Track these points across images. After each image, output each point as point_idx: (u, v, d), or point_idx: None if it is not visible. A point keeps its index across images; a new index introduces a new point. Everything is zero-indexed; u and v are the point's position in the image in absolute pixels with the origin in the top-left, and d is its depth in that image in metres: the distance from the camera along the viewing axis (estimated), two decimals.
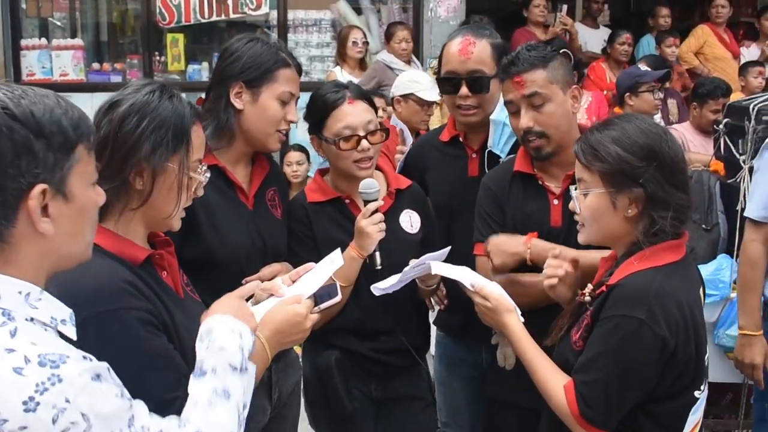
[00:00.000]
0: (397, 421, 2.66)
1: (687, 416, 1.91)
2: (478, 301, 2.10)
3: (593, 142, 1.92)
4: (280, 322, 1.77)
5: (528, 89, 2.32)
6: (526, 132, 2.34)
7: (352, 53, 6.23)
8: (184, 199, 1.75)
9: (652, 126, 1.96)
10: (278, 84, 2.35)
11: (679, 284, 1.87)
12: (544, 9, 7.35)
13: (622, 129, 1.91)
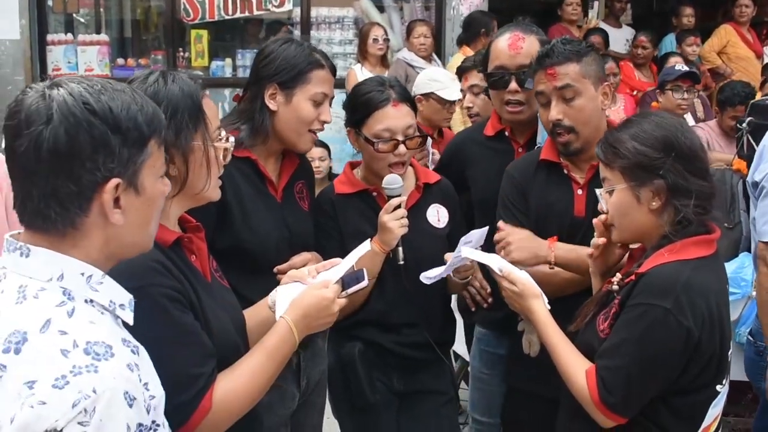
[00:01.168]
0: (419, 415, 2.68)
1: (707, 410, 1.93)
2: (506, 285, 2.14)
3: (612, 140, 1.97)
4: (308, 306, 1.82)
5: (560, 81, 2.36)
6: (555, 125, 2.38)
7: (373, 50, 6.28)
8: (215, 170, 1.80)
9: (668, 119, 2.00)
10: (311, 85, 2.38)
11: (708, 278, 1.90)
12: (577, 7, 7.46)
13: (638, 125, 1.96)
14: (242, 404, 1.73)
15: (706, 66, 7.28)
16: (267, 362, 1.75)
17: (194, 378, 1.64)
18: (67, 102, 1.27)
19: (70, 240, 1.31)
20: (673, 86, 4.63)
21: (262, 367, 1.75)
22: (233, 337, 1.81)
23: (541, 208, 2.46)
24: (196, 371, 1.65)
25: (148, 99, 1.39)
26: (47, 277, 1.29)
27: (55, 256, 1.30)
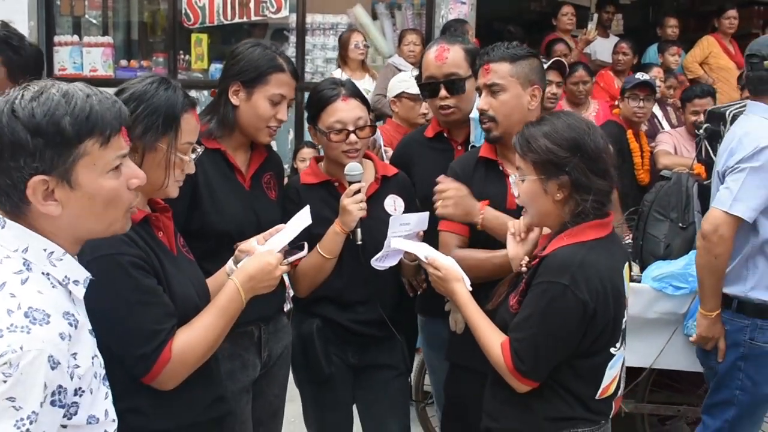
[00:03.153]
0: (372, 387, 2.95)
1: (605, 371, 2.19)
2: (431, 271, 2.41)
3: (527, 135, 2.22)
4: (253, 270, 2.10)
5: (490, 77, 2.65)
6: (481, 113, 2.68)
7: (354, 55, 6.52)
8: (176, 174, 2.06)
9: (579, 121, 2.25)
10: (270, 86, 2.65)
11: (602, 257, 2.15)
12: (572, 17, 7.70)
13: (552, 124, 2.21)
14: (198, 355, 2.00)
15: (689, 76, 7.49)
16: (218, 318, 2.04)
17: (156, 333, 1.92)
18: (2, 109, 1.50)
19: (29, 222, 1.54)
20: (631, 94, 4.81)
21: (213, 323, 2.03)
22: (195, 300, 2.08)
23: (480, 199, 2.71)
24: (157, 327, 1.93)
25: (91, 106, 1.54)
26: (14, 247, 1.52)
27: (25, 231, 1.53)
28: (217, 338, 2.05)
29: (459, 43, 3.06)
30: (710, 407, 3.25)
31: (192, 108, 2.10)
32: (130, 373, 1.92)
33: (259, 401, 2.81)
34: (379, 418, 2.99)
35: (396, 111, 4.70)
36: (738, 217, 2.92)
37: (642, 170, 4.89)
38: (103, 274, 1.80)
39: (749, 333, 3.03)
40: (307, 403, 3.01)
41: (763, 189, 2.90)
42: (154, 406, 1.98)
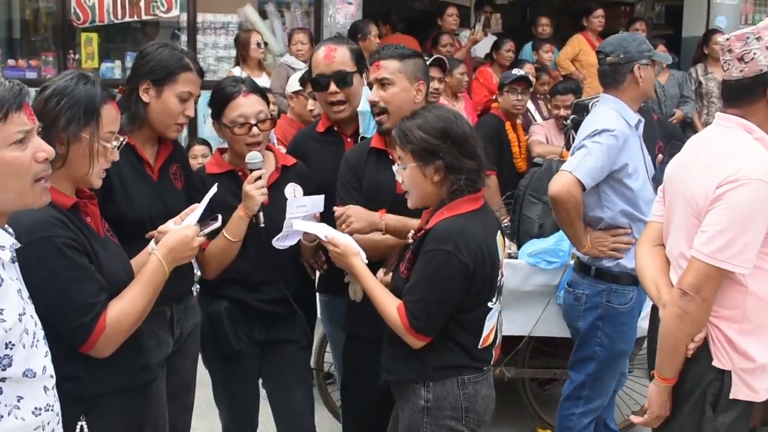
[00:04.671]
0: (277, 360, 3.20)
1: (485, 322, 2.55)
2: (331, 248, 2.70)
3: (404, 128, 2.55)
4: (173, 242, 2.35)
5: (381, 73, 2.97)
6: (372, 105, 2.98)
7: (255, 54, 6.74)
8: (101, 163, 2.27)
9: (447, 113, 2.60)
10: (179, 85, 2.86)
11: (477, 225, 2.51)
12: (457, 18, 8.08)
13: (423, 117, 2.55)
14: (130, 322, 2.24)
15: (561, 72, 8.01)
16: (145, 288, 2.28)
17: (91, 305, 2.15)
18: None
19: None
20: (510, 89, 5.23)
21: (141, 293, 2.28)
22: (122, 276, 2.31)
23: (371, 186, 3.00)
24: (92, 300, 2.16)
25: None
26: None
27: None
28: (146, 306, 2.29)
29: (345, 44, 3.38)
30: (575, 363, 3.64)
31: (111, 99, 2.30)
32: (70, 344, 2.14)
33: (173, 377, 3.01)
34: (285, 388, 3.23)
35: (292, 107, 4.98)
36: (580, 180, 3.29)
37: (519, 158, 5.33)
38: (40, 254, 2.04)
39: (606, 296, 3.44)
40: (217, 380, 3.23)
41: (599, 162, 3.28)
42: (88, 373, 2.20)
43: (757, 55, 2.35)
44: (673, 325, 2.40)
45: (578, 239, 3.44)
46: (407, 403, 2.58)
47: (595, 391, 3.57)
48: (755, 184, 2.26)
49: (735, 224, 2.27)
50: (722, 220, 2.29)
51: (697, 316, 2.37)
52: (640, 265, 2.70)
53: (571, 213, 3.34)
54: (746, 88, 2.39)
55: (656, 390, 2.52)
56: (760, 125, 2.40)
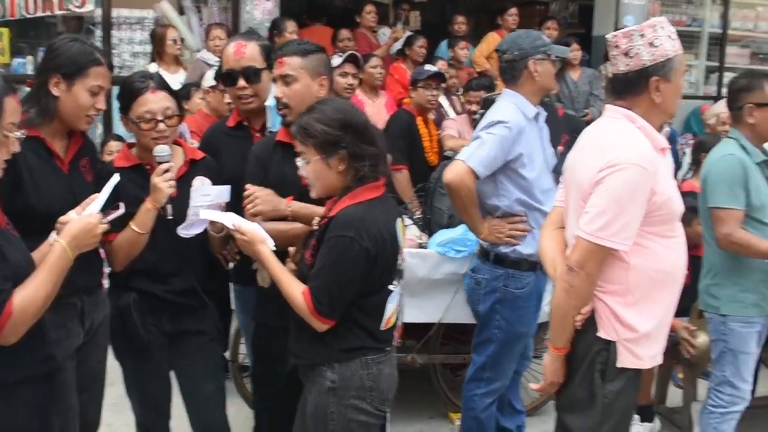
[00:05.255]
0: (187, 352, 3.24)
1: (386, 305, 2.67)
2: (238, 236, 2.77)
3: (304, 123, 2.64)
4: (77, 230, 2.40)
5: (284, 69, 3.05)
6: (277, 101, 3.07)
7: (171, 50, 6.73)
8: (2, 153, 2.30)
9: (343, 104, 2.73)
10: (89, 79, 2.89)
11: (378, 212, 2.62)
12: (375, 15, 8.18)
13: (321, 111, 2.64)
14: (37, 307, 2.28)
15: (477, 69, 8.22)
16: (48, 275, 2.32)
17: None
18: None
19: None
20: (424, 84, 5.36)
21: (46, 279, 2.31)
22: (25, 267, 2.34)
23: (278, 178, 3.08)
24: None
25: None
26: None
27: None
28: (51, 292, 2.32)
29: (255, 40, 3.45)
30: (476, 345, 3.81)
31: (13, 92, 2.32)
32: None
33: (83, 368, 3.02)
34: (196, 380, 3.27)
35: (208, 101, 5.03)
36: (473, 169, 3.45)
37: (431, 152, 5.46)
38: None
39: (503, 281, 3.61)
40: (128, 373, 3.26)
41: (492, 152, 3.45)
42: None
43: (640, 51, 2.54)
44: (562, 298, 2.58)
45: (475, 226, 3.60)
46: (314, 385, 2.68)
47: (495, 372, 3.73)
48: (632, 168, 2.45)
49: (614, 205, 2.46)
50: (602, 202, 2.47)
51: (582, 290, 2.55)
52: (542, 247, 2.86)
53: (465, 200, 3.50)
54: (631, 82, 2.58)
55: (550, 359, 2.70)
56: (644, 115, 2.60)
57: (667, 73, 2.55)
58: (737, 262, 3.64)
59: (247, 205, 2.96)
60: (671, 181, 2.65)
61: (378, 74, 6.14)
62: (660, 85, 2.56)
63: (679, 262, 2.66)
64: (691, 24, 9.50)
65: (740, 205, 3.56)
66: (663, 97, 2.58)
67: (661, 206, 2.52)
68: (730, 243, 3.57)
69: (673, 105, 2.66)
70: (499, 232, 3.56)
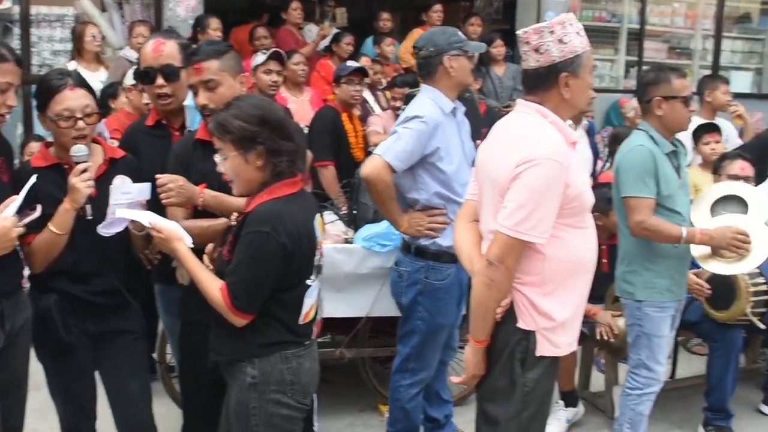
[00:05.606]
0: (112, 352, 3.21)
1: (304, 299, 2.71)
2: (154, 234, 2.77)
3: (221, 120, 2.66)
4: None
5: (204, 75, 3.03)
6: (203, 108, 3.05)
7: (90, 47, 6.63)
8: None
9: (260, 100, 2.74)
10: None
11: (295, 208, 2.65)
12: (301, 12, 8.17)
13: (238, 107, 2.66)
14: None
15: (403, 65, 8.28)
16: None
17: None
18: None
19: None
20: (347, 80, 5.39)
21: None
22: None
23: (200, 176, 3.07)
24: None
25: None
26: None
27: None
28: None
29: (174, 39, 3.44)
30: (401, 337, 3.87)
31: None
32: None
33: (5, 372, 2.99)
34: (121, 380, 3.25)
35: (131, 99, 4.98)
36: (390, 163, 3.52)
37: (356, 148, 5.50)
38: None
39: (424, 273, 3.68)
40: (51, 375, 3.21)
41: (409, 146, 3.53)
42: None
43: (550, 47, 2.61)
44: (482, 293, 2.63)
45: (395, 219, 3.67)
46: (235, 381, 2.69)
47: (420, 363, 3.80)
48: (548, 163, 2.51)
49: (531, 200, 2.51)
50: (520, 197, 2.53)
51: (502, 283, 2.61)
52: (457, 241, 2.90)
53: (383, 194, 3.56)
54: (541, 77, 2.65)
55: (471, 352, 2.74)
56: (555, 110, 2.66)
57: (576, 69, 2.62)
58: (650, 249, 3.78)
59: (161, 194, 2.95)
60: (582, 174, 2.73)
61: (301, 71, 6.17)
62: (569, 81, 2.62)
63: (591, 251, 2.74)
64: (610, 20, 9.75)
65: (651, 193, 3.70)
66: (572, 92, 2.64)
67: (574, 198, 2.59)
68: (643, 230, 3.70)
69: (582, 100, 2.74)
70: (418, 225, 3.62)
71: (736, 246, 3.73)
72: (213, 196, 2.98)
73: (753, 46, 10.75)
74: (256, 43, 7.24)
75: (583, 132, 5.40)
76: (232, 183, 2.73)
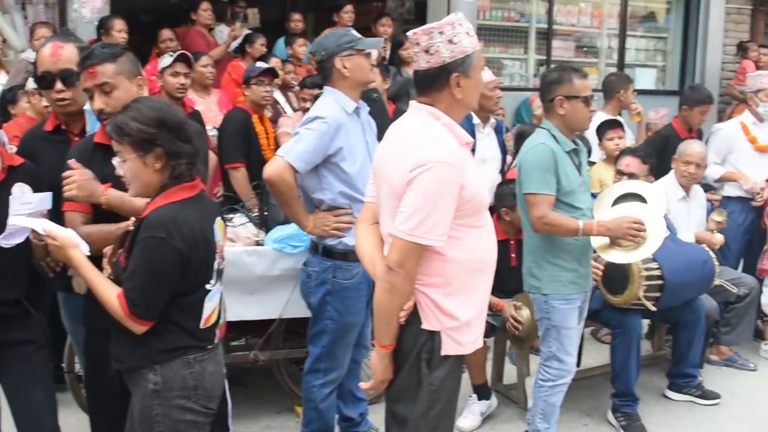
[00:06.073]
0: (14, 362, 3.15)
1: (204, 303, 2.70)
2: (50, 242, 2.72)
3: (119, 122, 2.63)
4: None
5: (99, 79, 2.98)
6: (100, 113, 3.00)
7: None
8: None
9: (158, 102, 2.72)
10: None
11: (192, 212, 2.64)
12: (212, 13, 8.05)
13: (136, 109, 2.63)
14: None
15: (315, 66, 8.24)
16: None
17: None
18: None
19: None
20: (258, 81, 5.36)
21: None
22: None
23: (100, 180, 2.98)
24: None
25: None
26: None
27: None
28: None
29: (72, 42, 3.38)
30: (311, 337, 3.89)
31: None
32: None
33: None
34: (25, 389, 3.19)
35: (34, 103, 4.85)
36: (292, 164, 3.53)
37: (268, 150, 5.47)
38: None
39: (332, 272, 3.70)
40: None
41: (311, 147, 3.55)
42: None
43: (440, 48, 2.64)
44: (385, 298, 2.63)
45: (300, 220, 3.68)
46: (137, 388, 2.67)
47: (331, 362, 3.82)
48: (441, 166, 2.52)
49: (426, 204, 2.52)
50: (415, 201, 2.54)
51: (403, 288, 2.61)
52: (358, 244, 2.91)
53: (285, 195, 3.58)
54: (432, 78, 2.66)
55: (377, 357, 2.74)
56: (447, 111, 2.68)
57: (467, 69, 2.65)
58: (553, 243, 3.88)
59: (64, 187, 2.89)
60: (477, 174, 2.75)
61: (209, 73, 6.13)
62: (460, 81, 2.65)
63: (490, 249, 2.78)
64: (519, 20, 9.95)
65: (551, 190, 3.80)
66: (464, 92, 2.67)
67: (469, 199, 2.62)
68: (543, 225, 3.80)
69: (474, 99, 2.76)
70: (324, 225, 3.64)
71: (632, 235, 3.85)
72: (118, 195, 2.93)
73: (657, 44, 11.14)
74: (162, 45, 7.13)
75: (491, 130, 5.49)
76: (129, 185, 2.69)
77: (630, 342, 4.68)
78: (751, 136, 6.09)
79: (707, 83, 10.46)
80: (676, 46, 11.10)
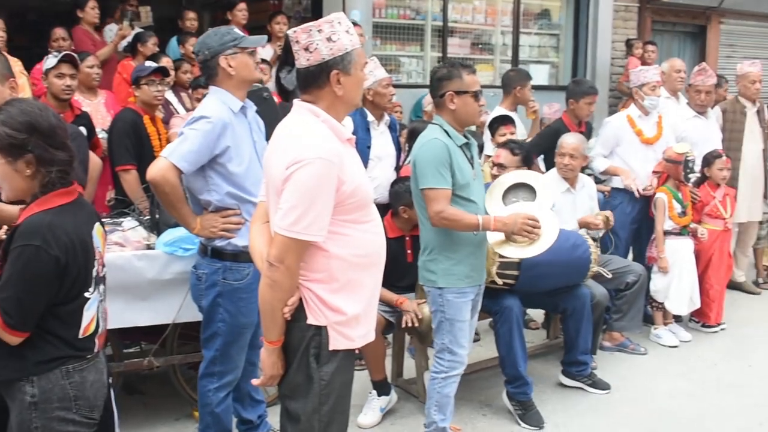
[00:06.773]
0: None
1: (83, 312, 2.62)
2: None
3: None
4: None
5: None
6: None
7: None
8: None
9: (31, 106, 2.62)
10: None
11: (68, 219, 2.56)
12: (98, 11, 7.82)
13: (6, 112, 2.54)
14: None
15: None
16: None
17: None
18: None
19: None
20: (147, 81, 5.23)
21: None
22: None
23: None
24: None
25: None
26: None
27: None
28: None
29: None
30: (204, 341, 3.82)
31: None
32: None
33: None
34: None
35: None
36: (176, 165, 3.47)
37: (160, 151, 5.35)
38: None
39: (222, 274, 3.65)
40: None
41: (195, 147, 3.49)
42: None
43: (319, 46, 2.65)
44: (267, 293, 2.64)
45: (186, 221, 3.62)
46: (15, 401, 2.57)
47: (225, 365, 3.77)
48: (317, 162, 2.53)
49: (303, 200, 2.53)
50: (292, 198, 2.54)
51: (284, 283, 2.62)
52: (251, 243, 2.89)
53: (170, 197, 3.51)
54: (313, 76, 2.68)
55: (266, 353, 2.74)
56: (328, 108, 2.70)
57: (347, 66, 2.67)
58: (449, 237, 3.94)
59: None
60: (359, 170, 2.77)
61: (95, 74, 5.94)
62: (341, 78, 2.67)
63: (378, 244, 2.80)
64: (415, 17, 10.05)
65: (447, 184, 3.85)
66: (345, 89, 2.69)
67: (351, 194, 2.63)
68: (441, 219, 3.85)
69: (356, 96, 2.79)
70: (212, 226, 3.59)
71: (527, 231, 3.94)
72: None
73: (550, 41, 11.44)
74: (54, 44, 6.89)
75: (385, 128, 5.53)
76: (1, 190, 2.60)
77: (511, 324, 4.72)
78: (637, 128, 6.31)
79: (598, 79, 10.82)
80: (568, 42, 11.45)
